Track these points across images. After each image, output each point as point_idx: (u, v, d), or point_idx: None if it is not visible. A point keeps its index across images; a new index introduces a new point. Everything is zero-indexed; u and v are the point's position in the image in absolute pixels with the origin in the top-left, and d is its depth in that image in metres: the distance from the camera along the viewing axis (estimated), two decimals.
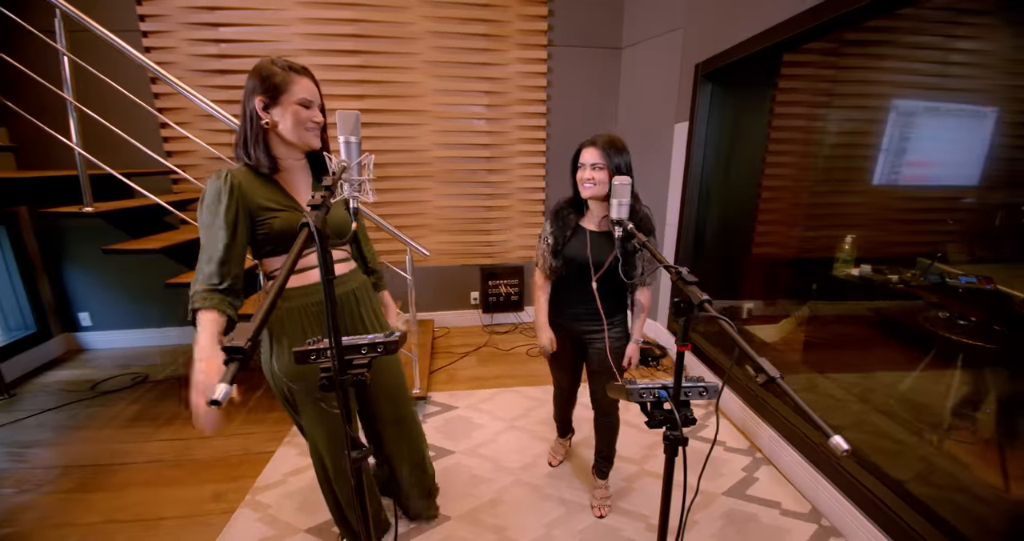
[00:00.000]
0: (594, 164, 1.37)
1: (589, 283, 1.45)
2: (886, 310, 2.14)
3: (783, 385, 0.59)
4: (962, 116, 1.97)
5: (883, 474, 1.58)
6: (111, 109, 2.01)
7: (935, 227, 2.12)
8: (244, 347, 0.42)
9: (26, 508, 1.73)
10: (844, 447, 0.51)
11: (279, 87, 1.07)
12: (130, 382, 2.67)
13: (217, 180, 1.06)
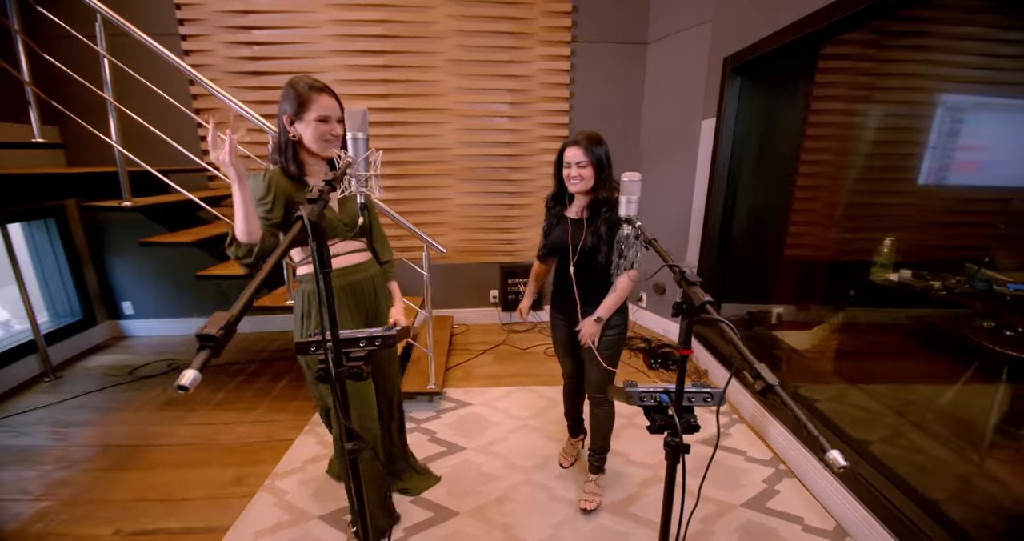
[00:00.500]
0: (579, 162, 1.45)
1: (580, 276, 1.55)
2: (926, 318, 2.00)
3: (780, 393, 0.55)
4: (1015, 111, 1.82)
5: (915, 493, 1.48)
6: (151, 109, 2.11)
7: (984, 231, 1.96)
8: (216, 335, 0.43)
9: (64, 483, 1.85)
10: (841, 463, 0.48)
11: (302, 105, 1.22)
12: (166, 368, 2.82)
13: (258, 178, 1.25)
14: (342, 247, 1.36)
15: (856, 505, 1.58)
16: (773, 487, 1.84)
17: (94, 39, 1.79)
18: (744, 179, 2.65)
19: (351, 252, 1.40)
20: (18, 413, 2.32)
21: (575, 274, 1.54)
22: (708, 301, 0.72)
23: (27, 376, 2.67)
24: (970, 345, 1.66)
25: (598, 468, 1.75)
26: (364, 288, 1.42)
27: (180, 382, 0.41)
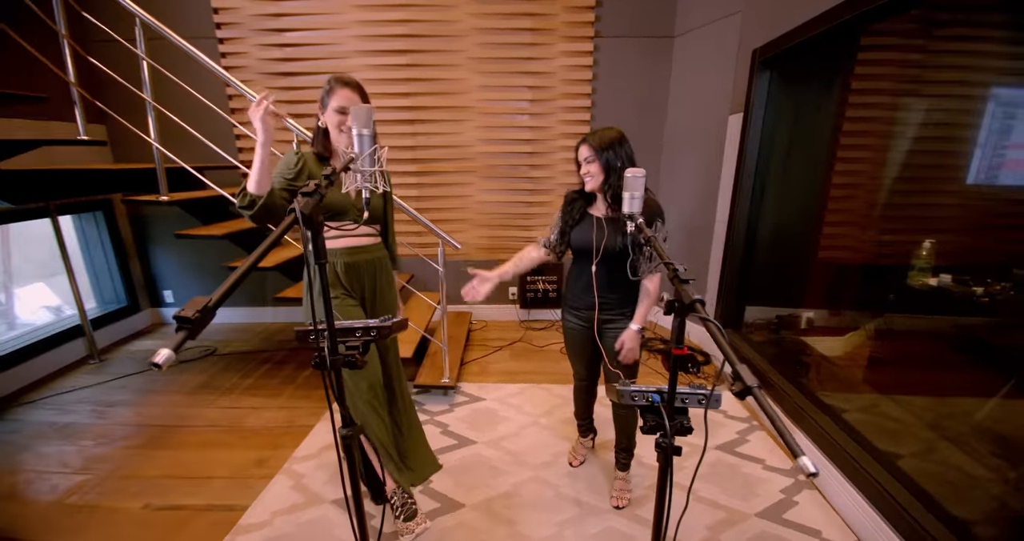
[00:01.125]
0: (585, 158, 1.44)
1: (602, 276, 1.50)
2: (967, 326, 1.87)
3: (759, 395, 0.53)
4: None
5: (944, 512, 1.38)
6: (189, 108, 2.23)
7: None
8: (192, 318, 0.45)
9: (101, 459, 1.99)
10: (811, 469, 0.45)
11: (326, 97, 1.36)
12: (200, 354, 2.98)
13: (292, 154, 1.40)
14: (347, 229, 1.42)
15: (879, 522, 1.50)
16: (791, 498, 1.77)
17: (134, 42, 1.91)
18: (773, 177, 2.54)
19: (358, 235, 1.48)
20: (64, 392, 2.51)
21: (596, 274, 1.50)
22: (698, 300, 0.70)
23: (74, 358, 2.88)
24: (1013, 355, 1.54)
25: (625, 465, 1.75)
26: (364, 268, 1.49)
27: (154, 360, 0.44)
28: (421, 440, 1.72)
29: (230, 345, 3.15)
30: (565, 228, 1.57)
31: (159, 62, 2.04)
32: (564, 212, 1.59)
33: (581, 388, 1.83)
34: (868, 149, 2.42)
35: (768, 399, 0.54)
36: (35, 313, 2.95)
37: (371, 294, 1.53)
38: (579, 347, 1.68)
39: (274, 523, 1.64)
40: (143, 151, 2.85)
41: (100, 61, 2.06)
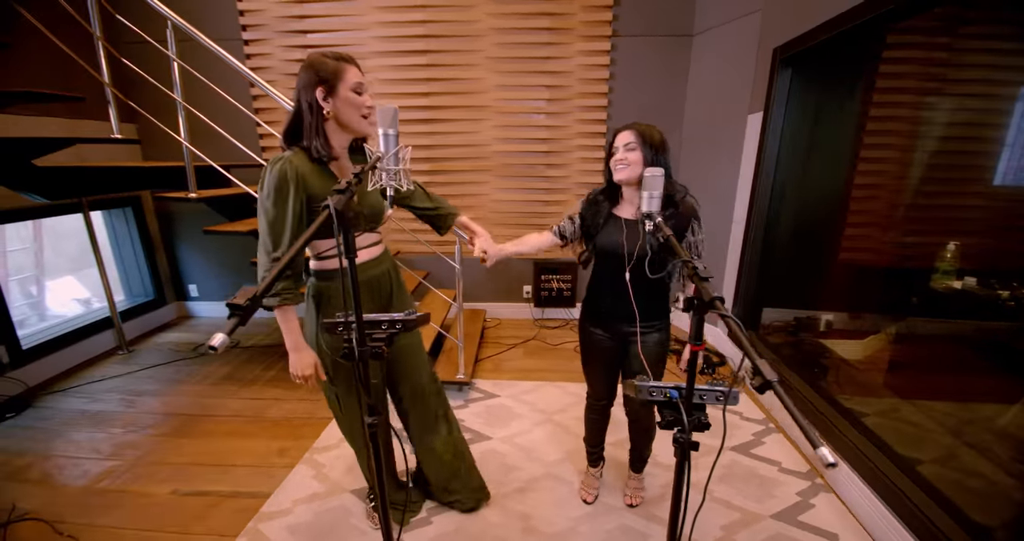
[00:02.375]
0: (627, 143, 1.30)
1: (623, 274, 1.38)
2: (992, 330, 1.83)
3: (778, 390, 0.55)
4: None
5: (965, 517, 1.37)
6: (216, 108, 2.30)
7: None
8: (243, 305, 0.48)
9: (131, 445, 2.07)
10: (830, 460, 0.47)
11: (335, 75, 1.13)
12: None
13: (279, 170, 1.11)
14: (360, 240, 1.29)
15: (898, 526, 1.49)
16: (808, 500, 1.76)
17: (165, 44, 1.98)
18: (792, 177, 2.51)
19: (369, 246, 1.34)
20: (94, 382, 2.62)
21: (631, 282, 1.37)
22: (717, 297, 0.72)
23: (104, 349, 2.99)
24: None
25: (640, 467, 1.73)
26: (381, 282, 1.37)
27: (211, 343, 0.47)
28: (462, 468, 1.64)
29: (252, 338, 3.23)
30: (591, 231, 1.45)
31: (187, 63, 2.10)
32: (587, 213, 1.46)
33: (596, 409, 1.66)
34: (892, 149, 2.38)
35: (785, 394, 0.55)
36: (65, 305, 3.07)
37: (386, 306, 1.41)
38: (603, 362, 1.54)
39: (295, 511, 1.69)
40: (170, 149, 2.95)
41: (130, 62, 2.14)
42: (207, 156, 2.14)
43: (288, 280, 1.18)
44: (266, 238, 1.17)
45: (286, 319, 1.19)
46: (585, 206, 1.48)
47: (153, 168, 2.41)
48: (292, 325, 1.20)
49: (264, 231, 1.16)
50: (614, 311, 1.44)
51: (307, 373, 1.24)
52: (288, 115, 1.23)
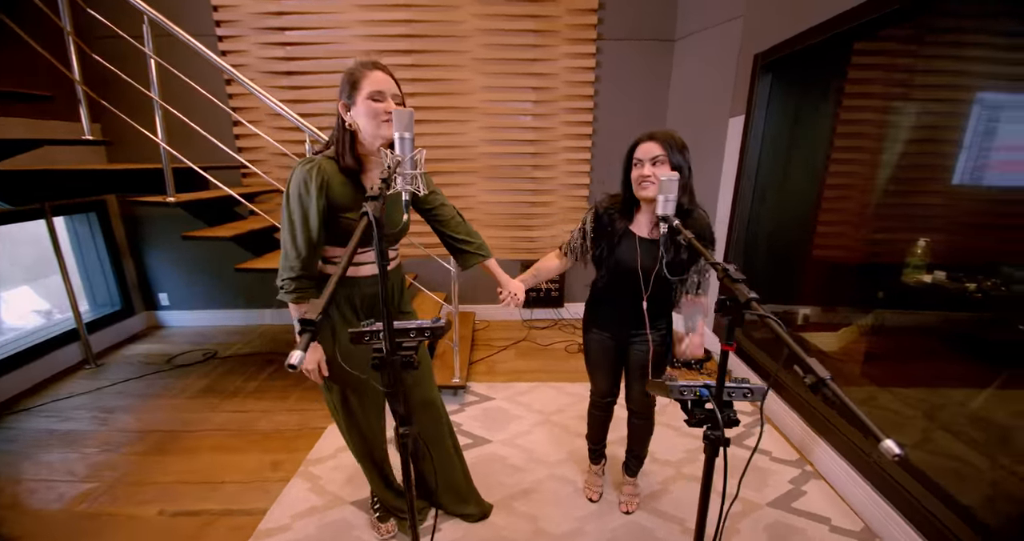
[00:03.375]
0: (655, 157, 1.22)
1: (638, 294, 1.34)
2: (960, 321, 1.97)
3: (833, 387, 0.57)
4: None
5: (946, 495, 1.46)
6: (189, 109, 2.19)
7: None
8: (315, 320, 0.46)
9: (108, 466, 1.95)
10: (896, 451, 0.49)
11: (354, 85, 1.12)
12: (201, 357, 2.92)
13: (307, 171, 1.11)
14: (370, 256, 1.27)
15: (885, 507, 1.58)
16: (800, 488, 1.84)
17: (141, 40, 1.87)
18: (772, 178, 2.62)
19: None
20: (61, 399, 2.44)
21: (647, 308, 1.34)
22: (753, 298, 0.74)
23: (69, 363, 2.80)
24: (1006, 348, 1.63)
25: (635, 471, 1.73)
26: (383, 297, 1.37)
27: (290, 361, 0.45)
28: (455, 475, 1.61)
29: (231, 348, 3.10)
30: (603, 249, 1.38)
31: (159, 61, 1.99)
32: (597, 229, 1.39)
33: (601, 407, 1.67)
34: (861, 151, 2.52)
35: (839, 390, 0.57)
36: (24, 318, 2.85)
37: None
38: (607, 362, 1.55)
39: (295, 526, 1.64)
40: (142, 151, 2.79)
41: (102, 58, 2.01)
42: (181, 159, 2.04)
43: (309, 280, 1.18)
44: (286, 240, 1.15)
45: (299, 314, 1.20)
46: (595, 222, 1.41)
47: (127, 171, 2.28)
48: None
49: (285, 233, 1.16)
50: (622, 320, 1.45)
51: (310, 367, 1.24)
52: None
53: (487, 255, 1.48)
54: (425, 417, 1.49)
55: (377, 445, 1.47)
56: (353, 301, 1.28)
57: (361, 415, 1.39)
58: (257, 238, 2.43)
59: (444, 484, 1.58)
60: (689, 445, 2.09)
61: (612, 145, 3.26)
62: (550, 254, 1.58)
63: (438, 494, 1.61)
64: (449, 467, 1.58)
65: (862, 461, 1.72)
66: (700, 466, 1.91)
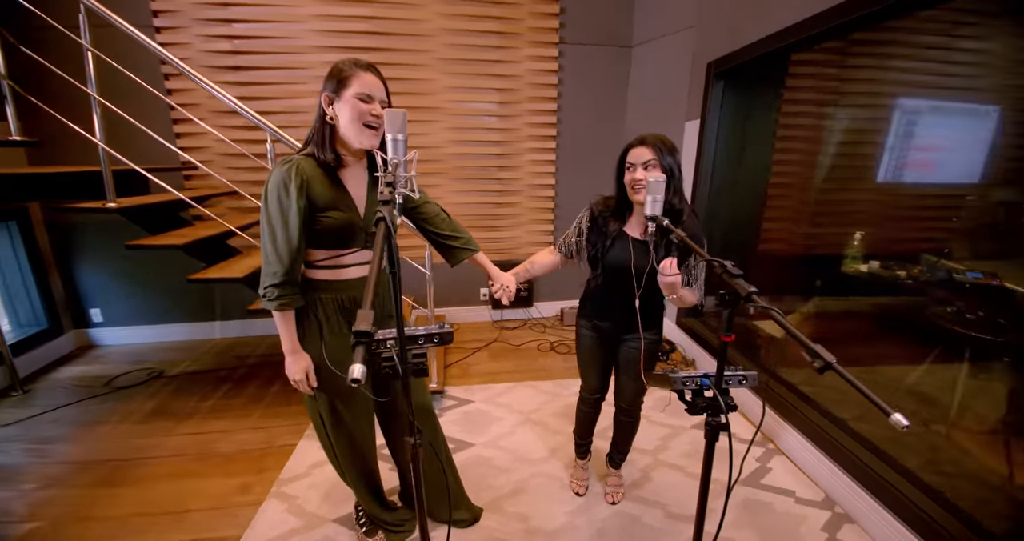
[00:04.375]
0: (646, 162, 1.26)
1: (630, 293, 1.38)
2: (894, 306, 2.20)
3: (839, 369, 0.63)
4: (964, 115, 2.02)
5: (893, 461, 1.64)
6: (125, 108, 1.99)
7: (939, 224, 2.17)
8: (371, 331, 0.45)
9: (49, 503, 1.74)
10: (904, 423, 0.55)
11: (341, 82, 1.09)
12: (145, 377, 2.68)
13: (285, 171, 1.08)
14: (354, 258, 1.23)
15: (842, 476, 1.73)
16: (765, 465, 1.98)
17: (76, 31, 1.68)
18: (725, 179, 2.80)
19: (365, 263, 1.25)
20: None
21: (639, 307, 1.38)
22: (753, 291, 0.79)
23: None
24: (935, 329, 1.85)
25: (619, 463, 1.78)
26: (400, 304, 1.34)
27: (353, 376, 0.43)
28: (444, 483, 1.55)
29: (178, 365, 2.86)
30: (598, 250, 1.41)
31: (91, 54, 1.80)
32: (592, 230, 1.43)
33: (589, 402, 1.70)
34: (798, 153, 2.75)
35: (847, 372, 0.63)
36: None
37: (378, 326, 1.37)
38: (598, 359, 1.58)
39: None
40: (64, 153, 2.52)
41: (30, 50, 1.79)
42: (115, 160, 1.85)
43: (293, 286, 1.14)
44: (267, 245, 1.11)
45: (285, 322, 1.18)
46: (591, 222, 1.45)
47: (59, 174, 2.04)
48: (289, 327, 1.18)
49: (265, 237, 1.11)
50: (615, 318, 1.48)
51: (298, 377, 1.21)
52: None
53: (475, 249, 1.47)
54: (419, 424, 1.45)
55: (368, 455, 1.42)
56: (341, 304, 1.24)
57: (351, 424, 1.33)
58: (210, 245, 2.27)
59: (437, 491, 1.56)
60: (662, 433, 2.19)
61: (576, 147, 3.34)
62: (544, 250, 1.61)
63: (430, 502, 1.58)
64: (438, 473, 1.56)
65: (818, 435, 1.88)
66: (675, 453, 2.03)
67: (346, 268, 1.23)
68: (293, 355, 1.20)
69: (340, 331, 1.24)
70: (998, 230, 1.90)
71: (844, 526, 1.65)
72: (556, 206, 3.43)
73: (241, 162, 2.93)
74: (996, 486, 1.50)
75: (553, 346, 3.12)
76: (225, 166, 2.93)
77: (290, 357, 1.21)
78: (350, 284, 1.24)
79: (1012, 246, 1.85)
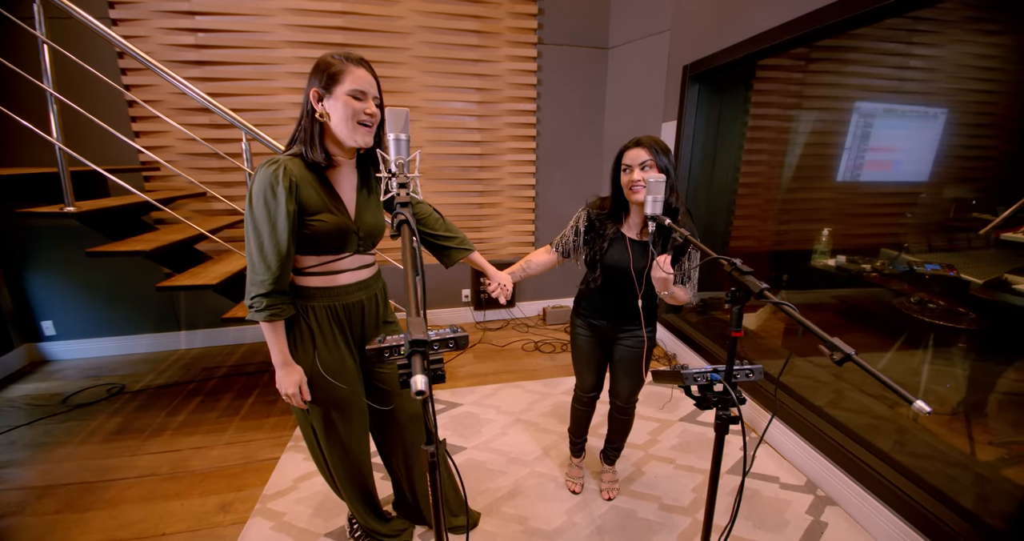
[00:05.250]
0: (643, 162, 1.28)
1: (630, 293, 1.41)
2: (860, 297, 2.33)
3: (859, 360, 0.66)
4: (916, 117, 2.17)
5: (868, 444, 1.74)
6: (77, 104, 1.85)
7: (896, 220, 2.32)
8: (428, 340, 0.43)
9: (12, 532, 1.60)
10: (927, 409, 0.59)
11: (333, 77, 1.04)
12: (106, 394, 2.50)
13: (272, 173, 1.02)
14: (348, 263, 1.18)
15: (822, 460, 1.82)
16: (750, 453, 2.05)
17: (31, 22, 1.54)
18: (701, 178, 2.89)
19: (358, 269, 1.21)
20: None
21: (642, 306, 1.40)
22: (765, 288, 0.82)
23: None
24: (901, 317, 1.97)
25: (614, 459, 1.81)
26: (365, 307, 1.24)
27: (418, 388, 0.41)
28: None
29: (140, 380, 2.69)
30: (595, 255, 1.42)
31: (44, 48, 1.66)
32: (589, 232, 1.44)
33: (584, 401, 1.71)
34: (765, 153, 2.88)
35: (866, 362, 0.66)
36: None
37: (371, 331, 1.28)
38: (594, 358, 1.61)
39: None
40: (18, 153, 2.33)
41: None
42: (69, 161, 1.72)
43: (282, 295, 1.08)
44: (253, 252, 1.04)
45: (275, 333, 1.11)
46: (587, 224, 1.46)
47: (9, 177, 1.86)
48: (280, 338, 1.12)
49: (251, 244, 1.04)
50: (612, 317, 1.51)
51: (291, 391, 1.15)
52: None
53: (471, 248, 1.44)
54: (415, 430, 1.42)
55: (364, 466, 1.38)
56: (335, 312, 1.19)
57: (347, 435, 1.29)
58: (179, 251, 2.14)
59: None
60: (650, 427, 2.23)
61: (556, 147, 3.35)
62: (540, 249, 1.60)
63: (423, 507, 1.55)
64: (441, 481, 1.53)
65: (798, 422, 1.97)
66: (665, 446, 2.07)
67: (340, 274, 1.18)
68: (285, 368, 1.14)
69: (334, 340, 1.20)
70: (948, 225, 2.05)
71: (827, 508, 1.73)
72: (537, 206, 3.44)
73: (207, 162, 2.78)
74: (960, 463, 1.62)
75: (538, 346, 3.13)
76: (189, 166, 2.77)
77: (281, 370, 1.14)
78: (344, 290, 1.19)
79: (961, 240, 2.00)
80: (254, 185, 1.03)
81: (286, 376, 1.15)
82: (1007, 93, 1.88)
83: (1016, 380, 1.65)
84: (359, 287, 1.22)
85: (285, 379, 1.15)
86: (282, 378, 1.15)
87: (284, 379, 1.15)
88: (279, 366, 1.14)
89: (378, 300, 1.30)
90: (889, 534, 1.54)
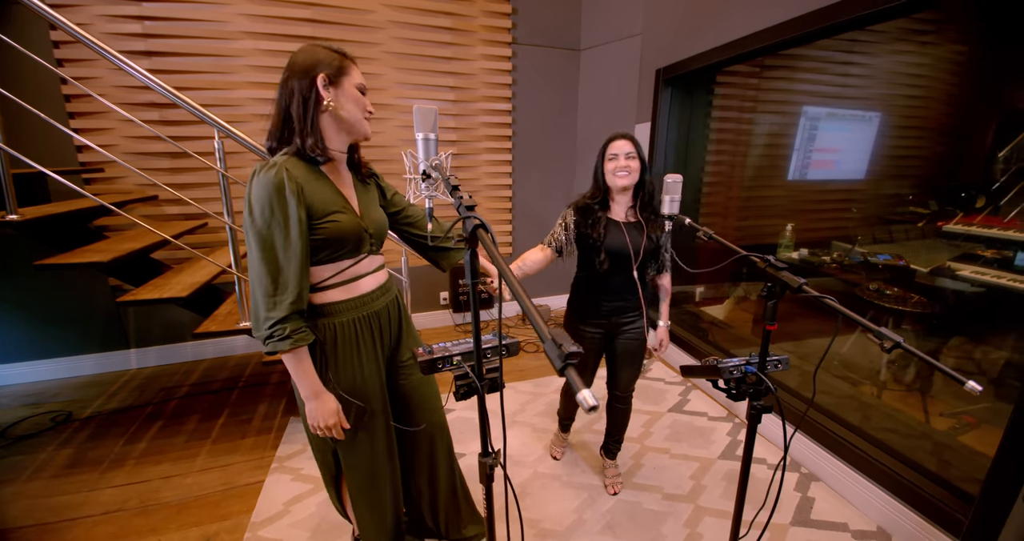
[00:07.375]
0: (628, 153, 1.44)
1: (630, 274, 1.51)
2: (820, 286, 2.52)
3: (908, 347, 0.71)
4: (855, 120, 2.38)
5: (841, 419, 1.90)
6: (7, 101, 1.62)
7: (842, 215, 2.52)
8: (579, 350, 0.41)
9: None
10: (978, 389, 0.64)
11: (341, 69, 1.00)
12: (50, 423, 2.22)
13: (274, 177, 0.92)
14: (366, 265, 1.11)
15: (801, 438, 1.96)
16: (736, 439, 2.17)
17: None
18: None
19: (375, 271, 1.14)
20: None
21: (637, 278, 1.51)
22: (803, 283, 0.87)
23: None
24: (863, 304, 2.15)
25: (615, 453, 1.85)
26: (390, 313, 1.19)
27: (590, 404, 0.38)
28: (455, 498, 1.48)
29: (89, 405, 2.41)
30: (594, 240, 1.49)
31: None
32: (582, 223, 1.52)
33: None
34: (726, 154, 3.04)
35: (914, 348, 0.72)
36: None
37: (396, 339, 1.22)
38: (594, 357, 1.67)
39: None
40: None
41: None
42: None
43: (303, 317, 0.98)
44: (262, 272, 0.93)
45: (301, 362, 1.00)
46: (579, 217, 1.53)
47: None
48: (307, 368, 1.01)
49: (257, 263, 0.93)
50: (619, 308, 1.56)
51: (331, 422, 1.04)
52: (272, 115, 1.02)
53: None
54: (439, 443, 1.36)
55: (395, 487, 1.28)
56: (363, 325, 1.11)
57: (374, 457, 1.19)
58: (128, 263, 1.93)
59: (451, 509, 1.48)
60: (642, 420, 2.30)
61: (532, 147, 3.36)
62: (533, 248, 1.63)
63: (442, 522, 1.50)
64: (455, 491, 1.49)
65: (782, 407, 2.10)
66: (659, 437, 2.13)
67: (361, 279, 1.10)
68: (318, 398, 1.03)
69: (361, 357, 1.11)
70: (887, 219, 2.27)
71: (812, 484, 1.86)
72: (513, 206, 3.44)
73: (156, 162, 2.54)
74: (923, 434, 1.80)
75: (522, 346, 3.13)
76: (137, 167, 2.51)
77: (314, 402, 1.03)
78: (369, 298, 1.11)
79: (900, 231, 2.22)
80: (253, 194, 0.93)
81: (321, 407, 1.03)
82: (935, 98, 2.10)
83: (957, 357, 1.86)
84: (381, 292, 1.16)
85: (321, 409, 1.03)
86: (315, 410, 1.03)
87: (318, 410, 1.03)
88: (310, 398, 1.03)
89: (399, 303, 1.24)
90: (871, 504, 1.67)
